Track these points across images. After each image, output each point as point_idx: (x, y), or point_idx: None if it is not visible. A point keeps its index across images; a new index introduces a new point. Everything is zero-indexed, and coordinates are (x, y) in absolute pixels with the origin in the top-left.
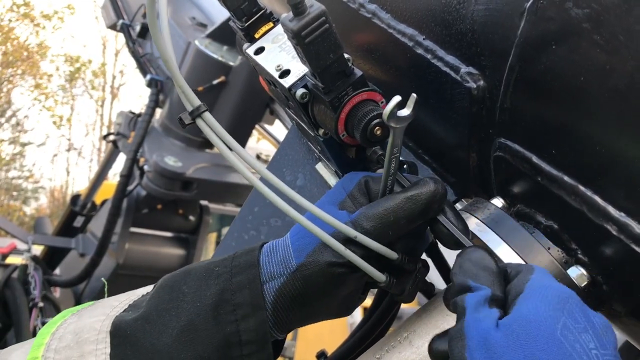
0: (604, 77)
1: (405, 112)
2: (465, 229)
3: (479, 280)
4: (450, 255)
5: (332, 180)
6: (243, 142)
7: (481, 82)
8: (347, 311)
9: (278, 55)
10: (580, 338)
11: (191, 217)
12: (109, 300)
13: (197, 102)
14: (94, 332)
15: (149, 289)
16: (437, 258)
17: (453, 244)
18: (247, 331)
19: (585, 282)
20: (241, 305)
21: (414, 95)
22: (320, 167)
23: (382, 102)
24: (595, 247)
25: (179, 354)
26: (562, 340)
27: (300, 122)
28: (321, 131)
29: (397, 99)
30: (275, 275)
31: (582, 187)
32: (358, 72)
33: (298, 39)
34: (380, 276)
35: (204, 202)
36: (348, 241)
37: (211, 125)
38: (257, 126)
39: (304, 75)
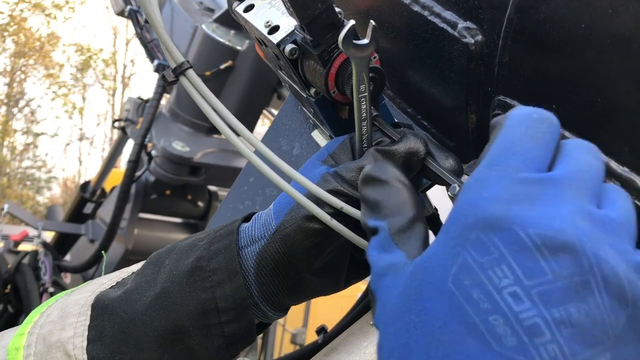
0: (607, 23)
1: (364, 40)
2: (458, 168)
3: (379, 212)
4: None
5: None
6: (251, 127)
7: (479, 37)
8: (338, 283)
9: (268, 12)
10: (486, 277)
11: (200, 203)
12: (99, 279)
13: (181, 58)
14: (77, 306)
15: (140, 265)
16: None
17: (442, 182)
18: (223, 297)
19: None
20: (216, 271)
21: (372, 22)
22: (316, 134)
23: (375, 58)
24: None
25: (152, 321)
26: (452, 290)
27: (293, 84)
28: (312, 91)
29: (351, 22)
30: (257, 238)
31: None
32: (349, 24)
33: None
34: (367, 245)
35: (212, 188)
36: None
37: (194, 84)
38: (264, 111)
39: (294, 31)
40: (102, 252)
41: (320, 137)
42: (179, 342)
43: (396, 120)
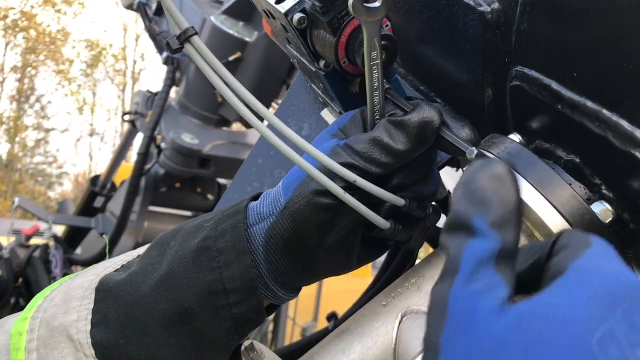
0: None
1: (375, 3)
2: (475, 137)
3: (490, 216)
4: None
5: None
6: (261, 119)
7: (495, 4)
8: (350, 262)
9: None
10: (633, 354)
11: (209, 196)
12: (104, 262)
13: (186, 24)
14: (81, 289)
15: (146, 248)
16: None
17: (457, 152)
18: (231, 278)
19: (610, 218)
20: (223, 251)
21: None
22: (326, 113)
23: (387, 26)
24: (621, 179)
25: (157, 304)
26: (596, 352)
27: (301, 58)
28: (322, 63)
29: None
30: (265, 215)
31: (606, 112)
32: None
33: None
34: (383, 222)
35: (222, 181)
36: (347, 185)
37: (200, 51)
38: (273, 103)
39: None
40: (104, 236)
41: (330, 116)
42: (185, 324)
43: (408, 95)
